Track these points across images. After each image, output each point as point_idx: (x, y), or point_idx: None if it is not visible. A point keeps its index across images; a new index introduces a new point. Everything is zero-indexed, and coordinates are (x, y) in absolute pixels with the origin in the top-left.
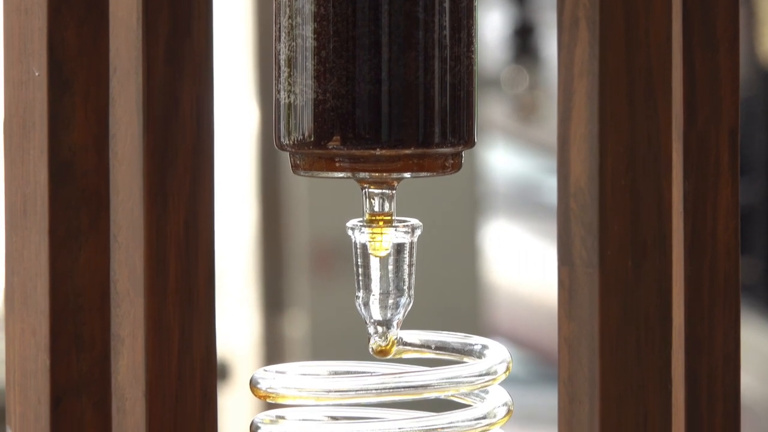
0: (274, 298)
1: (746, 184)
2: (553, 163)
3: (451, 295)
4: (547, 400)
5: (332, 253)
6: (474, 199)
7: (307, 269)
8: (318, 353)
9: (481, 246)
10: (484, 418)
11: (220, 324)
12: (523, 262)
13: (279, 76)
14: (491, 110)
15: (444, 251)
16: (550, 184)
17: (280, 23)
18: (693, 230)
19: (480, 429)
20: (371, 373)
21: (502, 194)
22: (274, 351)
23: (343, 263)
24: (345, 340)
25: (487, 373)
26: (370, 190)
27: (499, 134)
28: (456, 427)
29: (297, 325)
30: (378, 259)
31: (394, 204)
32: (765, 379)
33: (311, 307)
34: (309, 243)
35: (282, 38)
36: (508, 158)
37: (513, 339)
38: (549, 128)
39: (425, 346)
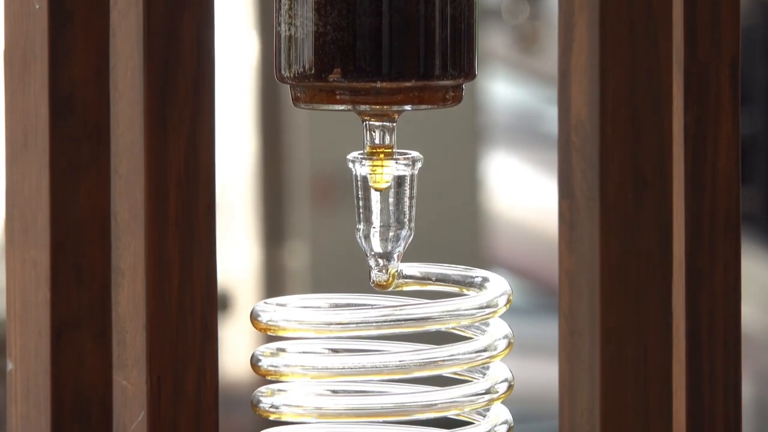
0: (275, 229)
1: (746, 113)
2: (554, 93)
3: (452, 227)
4: (548, 330)
5: (333, 185)
6: (475, 130)
7: (307, 201)
8: (318, 284)
9: (481, 177)
10: (484, 350)
11: (220, 255)
12: (523, 193)
13: (279, 9)
14: (492, 41)
15: (445, 183)
16: (551, 114)
17: None
18: (693, 162)
19: (481, 361)
20: (372, 305)
21: (503, 125)
22: (274, 282)
23: (344, 195)
24: (345, 271)
25: (488, 306)
26: (370, 122)
27: (500, 65)
28: (457, 359)
29: (297, 257)
30: (378, 191)
31: (394, 136)
32: (765, 309)
33: (311, 238)
34: (309, 175)
35: None
36: (509, 89)
37: (514, 269)
38: (550, 59)
39: (426, 278)
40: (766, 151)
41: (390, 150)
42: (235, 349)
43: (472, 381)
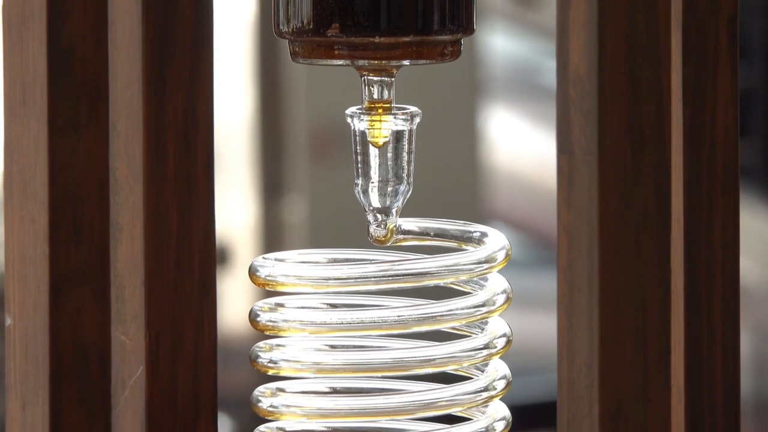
0: (274, 183)
1: (745, 66)
2: (552, 46)
3: (450, 181)
4: (546, 284)
5: (331, 139)
6: (473, 84)
7: (306, 155)
8: (316, 238)
9: (480, 131)
10: (483, 305)
11: (218, 209)
12: (522, 146)
13: None
14: None
15: (443, 138)
16: (549, 67)
17: None
18: (692, 118)
19: (479, 317)
20: (370, 260)
21: (502, 79)
22: (272, 235)
23: (342, 149)
24: (343, 224)
25: (486, 261)
26: (369, 77)
27: (498, 19)
28: (455, 315)
29: (295, 210)
30: (377, 146)
31: (393, 91)
32: (764, 262)
33: (310, 192)
34: (308, 128)
35: None
36: (507, 42)
37: (512, 223)
38: (548, 12)
39: (424, 233)
40: (764, 103)
41: (388, 105)
42: (233, 303)
43: (470, 336)
